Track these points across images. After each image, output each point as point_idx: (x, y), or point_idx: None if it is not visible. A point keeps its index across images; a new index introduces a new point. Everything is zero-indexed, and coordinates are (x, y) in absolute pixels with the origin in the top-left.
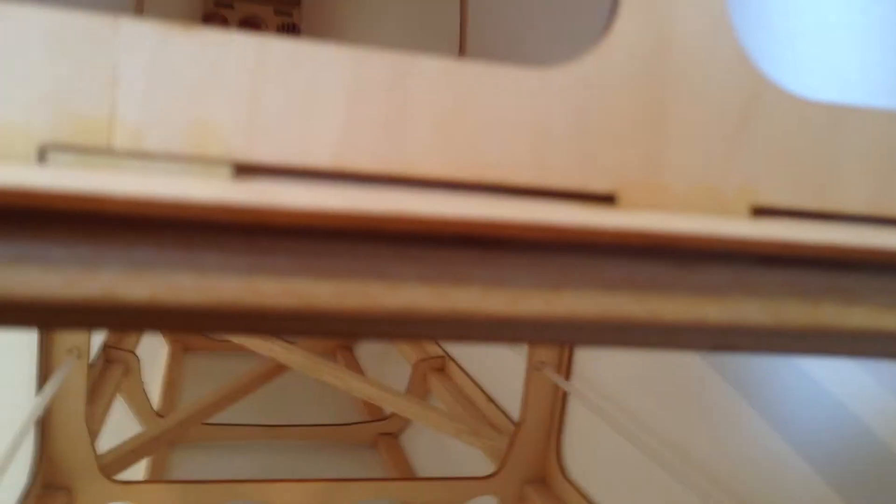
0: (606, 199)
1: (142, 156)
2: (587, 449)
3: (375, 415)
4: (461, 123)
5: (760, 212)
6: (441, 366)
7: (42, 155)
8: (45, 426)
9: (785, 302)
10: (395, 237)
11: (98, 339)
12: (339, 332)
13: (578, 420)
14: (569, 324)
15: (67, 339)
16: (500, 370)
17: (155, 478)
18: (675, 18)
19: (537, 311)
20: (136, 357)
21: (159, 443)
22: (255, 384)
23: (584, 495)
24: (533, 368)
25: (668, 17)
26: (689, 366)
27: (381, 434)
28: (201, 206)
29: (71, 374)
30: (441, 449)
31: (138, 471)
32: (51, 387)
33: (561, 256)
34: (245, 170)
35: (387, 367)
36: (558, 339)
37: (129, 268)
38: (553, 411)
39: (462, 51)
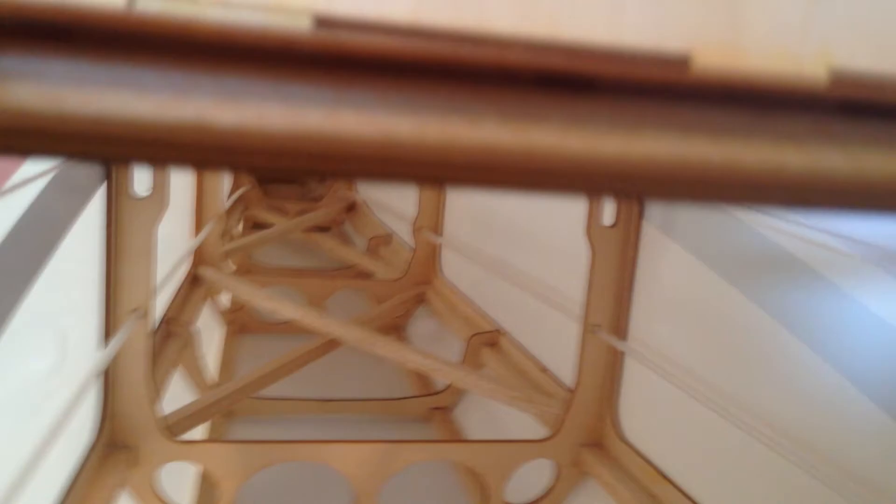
0: (681, 61)
1: (226, 4)
2: (643, 411)
3: (428, 390)
4: None
5: (838, 72)
6: (494, 340)
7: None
8: (109, 384)
9: (865, 150)
10: (474, 75)
11: (159, 310)
12: (420, 174)
13: (634, 382)
14: (646, 167)
15: (131, 299)
16: (554, 340)
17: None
18: None
19: (615, 152)
20: (196, 330)
21: (218, 407)
22: (310, 358)
23: (641, 456)
24: (588, 331)
25: None
26: (744, 315)
27: (434, 408)
28: (287, 34)
29: (134, 333)
30: (495, 422)
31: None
32: (115, 342)
33: (638, 99)
34: (325, 23)
35: (439, 345)
36: (635, 188)
37: (218, 96)
38: (608, 374)
39: None
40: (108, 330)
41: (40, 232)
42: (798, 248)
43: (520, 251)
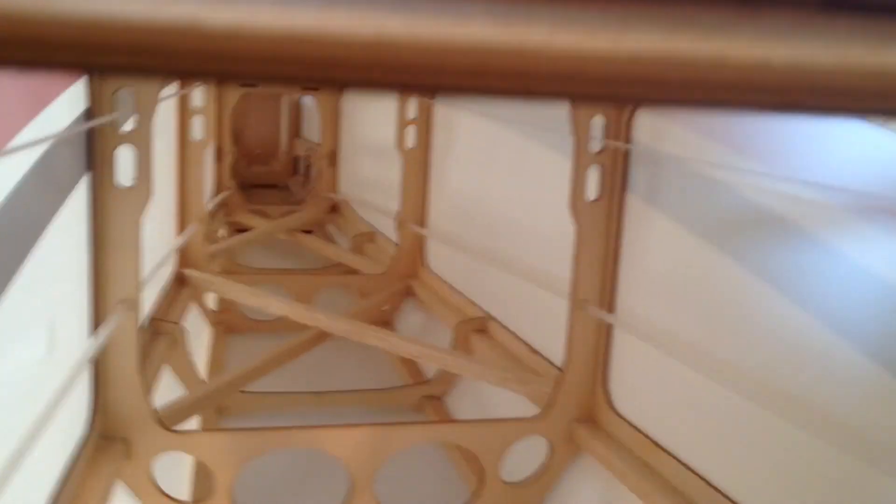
0: None
1: None
2: (635, 383)
3: (419, 380)
4: None
5: None
6: (482, 326)
7: None
8: (100, 376)
9: (849, 45)
10: None
11: (145, 310)
12: (411, 76)
13: (624, 355)
14: (633, 64)
15: (119, 290)
16: (543, 321)
17: None
18: None
19: (604, 49)
20: (183, 328)
21: (210, 400)
22: (300, 350)
23: (635, 427)
24: (576, 307)
25: None
26: (729, 277)
27: (425, 397)
28: None
29: (123, 324)
30: (487, 409)
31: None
32: (104, 332)
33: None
34: None
35: (428, 337)
36: (624, 92)
37: None
38: (598, 349)
39: None
40: (97, 320)
41: (23, 222)
42: (778, 204)
43: (505, 237)
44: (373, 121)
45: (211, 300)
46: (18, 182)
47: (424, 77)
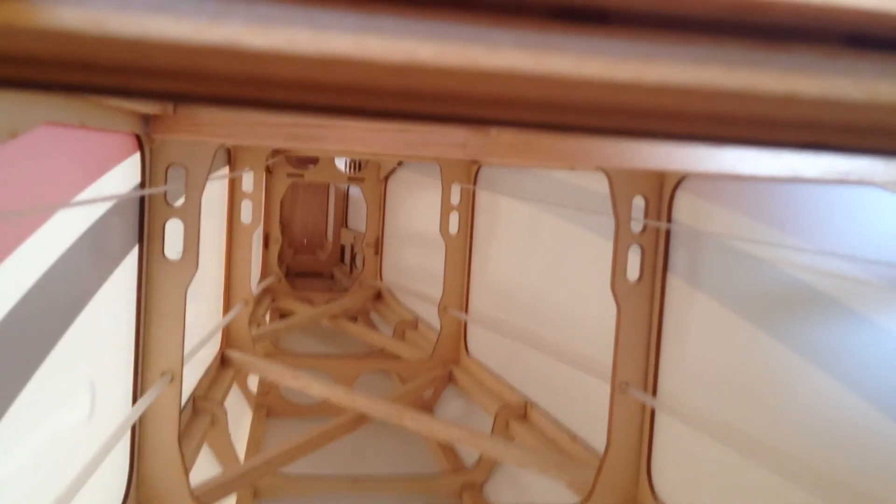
0: None
1: None
2: (678, 468)
3: (458, 466)
4: None
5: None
6: (522, 412)
7: None
8: (138, 448)
9: (877, 80)
10: (492, 5)
11: (187, 388)
12: (442, 105)
13: (668, 439)
14: (660, 95)
15: (161, 361)
16: (584, 406)
17: None
18: None
19: (630, 79)
20: (224, 408)
21: (246, 479)
22: (338, 433)
23: None
24: (617, 390)
25: None
26: (773, 357)
27: (465, 485)
28: None
29: (163, 396)
30: (527, 498)
31: None
32: (144, 401)
33: (652, 30)
34: None
35: (468, 423)
36: (650, 124)
37: (250, 20)
38: (640, 433)
39: None
40: (139, 390)
41: (73, 285)
42: (820, 280)
43: (546, 321)
44: (416, 209)
45: (253, 383)
46: (71, 245)
47: (454, 105)
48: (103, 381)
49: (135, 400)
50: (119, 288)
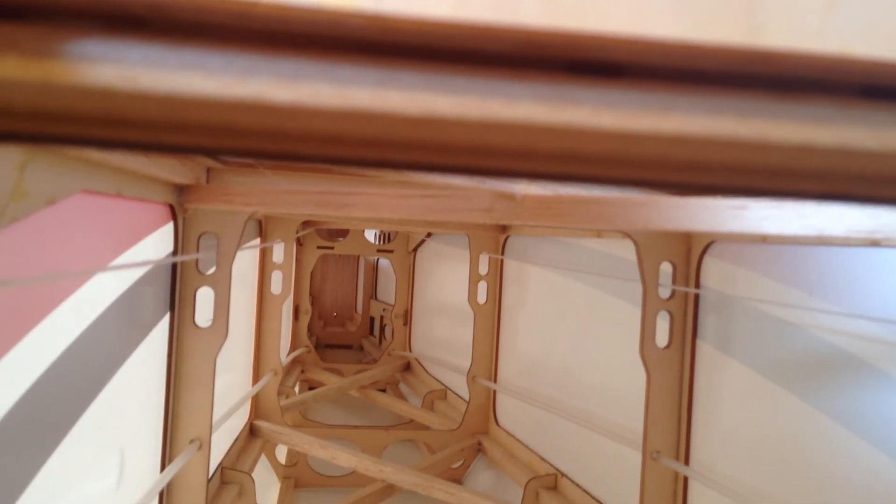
0: (704, 50)
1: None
2: None
3: None
4: None
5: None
6: (552, 483)
7: None
8: None
9: (893, 132)
10: (510, 61)
11: (215, 458)
12: (461, 157)
13: None
14: (677, 145)
15: (190, 429)
16: (616, 477)
17: None
18: None
19: (647, 130)
20: (251, 478)
21: None
22: (368, 503)
23: None
24: (648, 458)
25: None
26: (808, 423)
27: None
28: (338, 17)
29: (192, 464)
30: None
31: None
32: (172, 468)
33: (667, 84)
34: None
35: (498, 494)
36: (667, 176)
37: (276, 77)
38: (674, 502)
39: None
40: (167, 457)
41: (104, 351)
42: (852, 344)
43: (575, 390)
44: (445, 280)
45: (281, 453)
46: (104, 311)
47: (473, 156)
48: (132, 449)
49: (163, 467)
50: (150, 354)
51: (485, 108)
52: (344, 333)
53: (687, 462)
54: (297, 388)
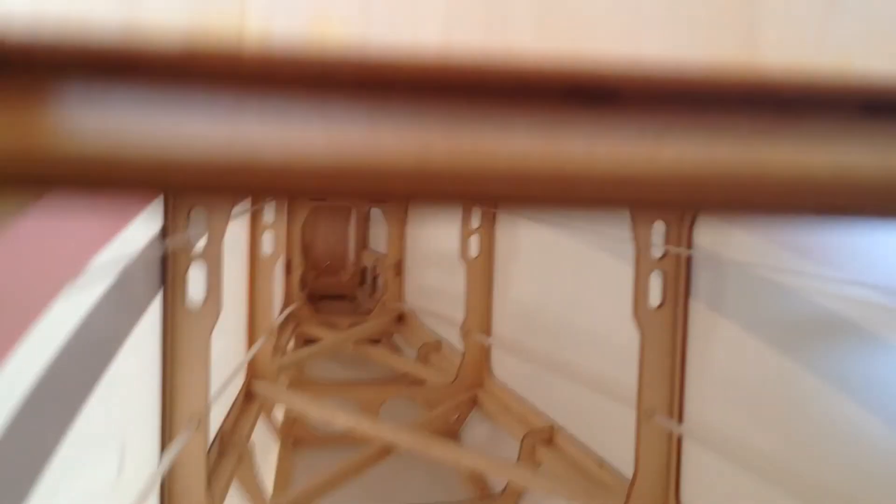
0: (699, 71)
1: (269, 43)
2: (708, 495)
3: (485, 493)
4: (558, 1)
5: (858, 76)
6: (549, 437)
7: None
8: (168, 498)
9: (891, 148)
10: (503, 90)
11: (214, 425)
12: (455, 188)
13: (695, 466)
14: (674, 173)
15: (188, 407)
16: (611, 431)
17: None
18: None
19: (643, 159)
20: (251, 445)
21: None
22: (365, 465)
23: None
24: (643, 417)
25: None
26: (800, 384)
27: None
28: (325, 56)
29: (191, 443)
30: None
31: None
32: (172, 452)
33: (663, 108)
34: (360, 45)
35: (494, 448)
36: (663, 198)
37: (264, 117)
38: (668, 460)
39: None
40: (166, 438)
41: (100, 342)
42: (846, 308)
43: (570, 345)
44: (438, 231)
45: (279, 412)
46: (96, 302)
47: (469, 187)
48: (132, 432)
49: (163, 446)
50: (143, 338)
51: (479, 142)
52: (336, 283)
53: (681, 419)
54: (292, 343)
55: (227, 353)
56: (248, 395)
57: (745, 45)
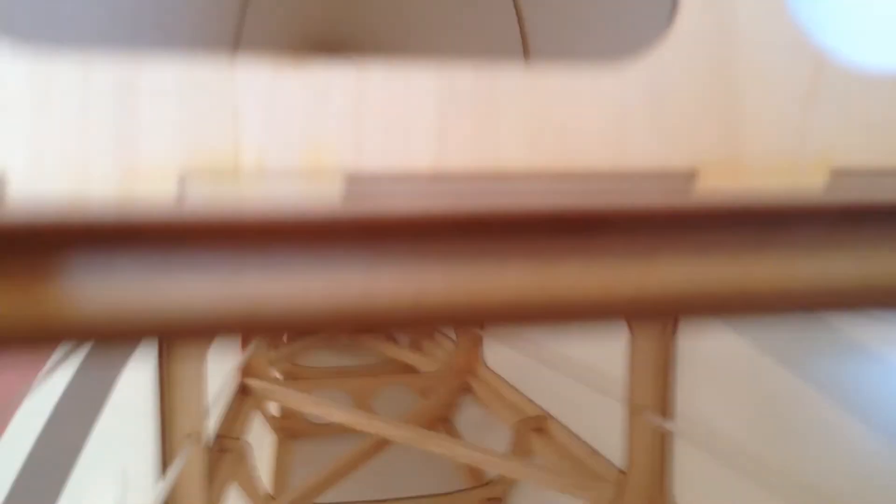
0: (688, 176)
1: (265, 175)
2: (698, 491)
3: (478, 481)
4: (546, 119)
5: (839, 174)
6: (541, 425)
7: (182, 181)
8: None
9: (872, 253)
10: (495, 225)
11: (210, 427)
12: (455, 320)
13: (686, 461)
14: (663, 293)
15: (185, 424)
16: (603, 421)
17: None
18: (733, 8)
19: (633, 282)
20: (248, 444)
21: None
22: (361, 460)
23: None
24: (633, 413)
25: (726, 7)
26: (784, 386)
27: (485, 500)
28: (324, 203)
29: (190, 459)
30: None
31: None
32: (173, 471)
33: (650, 230)
34: (356, 179)
35: (486, 434)
36: (653, 314)
37: (266, 271)
38: (659, 455)
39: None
40: (166, 457)
41: (97, 379)
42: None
43: (561, 336)
44: None
45: (273, 407)
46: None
47: (467, 318)
48: (132, 457)
49: (164, 465)
50: (140, 364)
51: (475, 279)
52: None
53: (671, 417)
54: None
55: (221, 354)
56: (243, 392)
57: (728, 147)
